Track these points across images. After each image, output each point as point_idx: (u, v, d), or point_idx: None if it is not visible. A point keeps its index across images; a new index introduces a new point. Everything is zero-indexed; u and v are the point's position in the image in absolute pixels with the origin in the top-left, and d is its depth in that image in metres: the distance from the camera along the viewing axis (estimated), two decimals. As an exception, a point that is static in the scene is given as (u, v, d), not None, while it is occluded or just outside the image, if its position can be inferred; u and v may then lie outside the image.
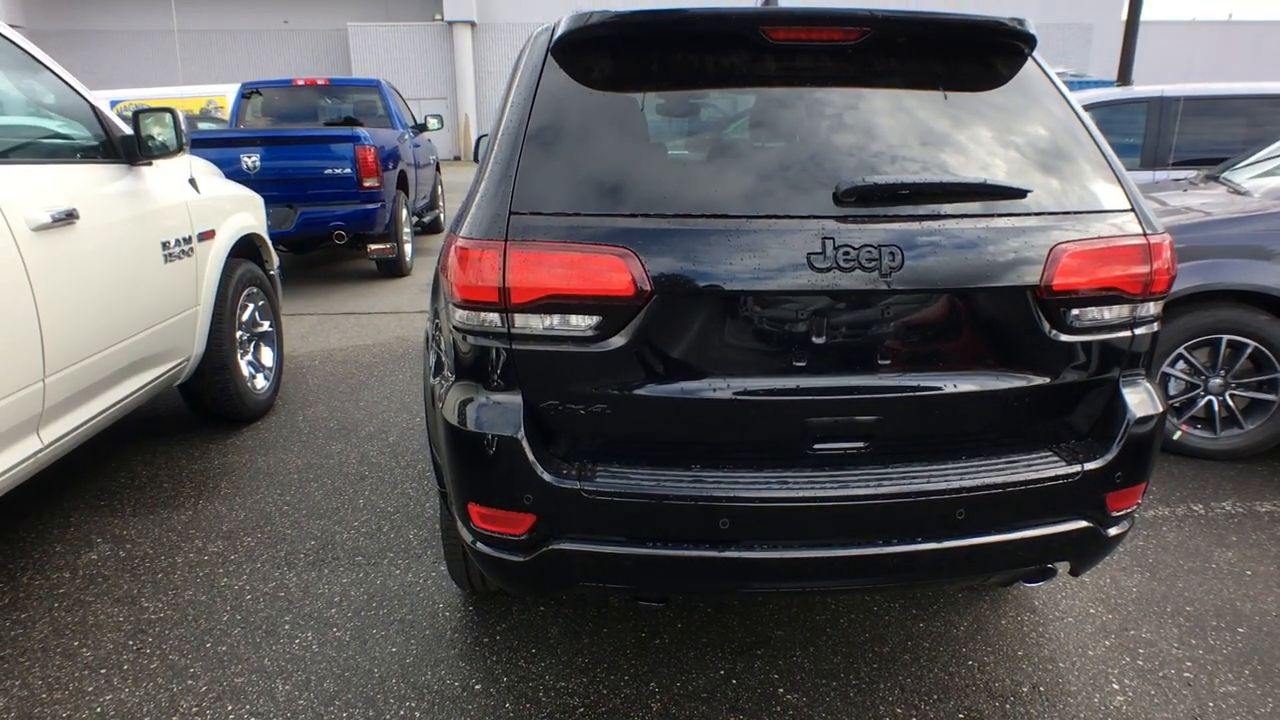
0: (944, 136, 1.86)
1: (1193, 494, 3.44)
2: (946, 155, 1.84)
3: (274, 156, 6.87)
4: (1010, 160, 1.85)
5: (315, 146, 7.00)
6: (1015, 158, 1.86)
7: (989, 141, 1.87)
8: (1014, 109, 1.95)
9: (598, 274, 1.67)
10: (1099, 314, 1.84)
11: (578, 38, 1.90)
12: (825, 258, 1.67)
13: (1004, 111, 1.94)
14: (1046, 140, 1.91)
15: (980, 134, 1.88)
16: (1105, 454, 1.87)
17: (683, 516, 1.74)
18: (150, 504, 3.38)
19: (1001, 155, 1.86)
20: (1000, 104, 1.95)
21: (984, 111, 1.93)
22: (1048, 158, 1.89)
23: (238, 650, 2.44)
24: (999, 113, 1.94)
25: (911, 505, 1.75)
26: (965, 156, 1.84)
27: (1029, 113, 1.95)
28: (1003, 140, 1.89)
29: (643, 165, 1.77)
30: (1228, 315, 3.63)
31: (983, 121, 1.91)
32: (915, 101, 1.90)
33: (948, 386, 1.80)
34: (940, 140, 1.86)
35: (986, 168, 1.81)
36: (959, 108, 1.91)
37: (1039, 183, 1.83)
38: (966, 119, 1.90)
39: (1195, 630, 2.52)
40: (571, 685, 2.29)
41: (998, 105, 1.95)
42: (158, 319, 3.31)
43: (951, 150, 1.85)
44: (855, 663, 2.38)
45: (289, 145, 6.99)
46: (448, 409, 1.87)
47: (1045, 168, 1.87)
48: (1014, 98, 1.97)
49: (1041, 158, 1.89)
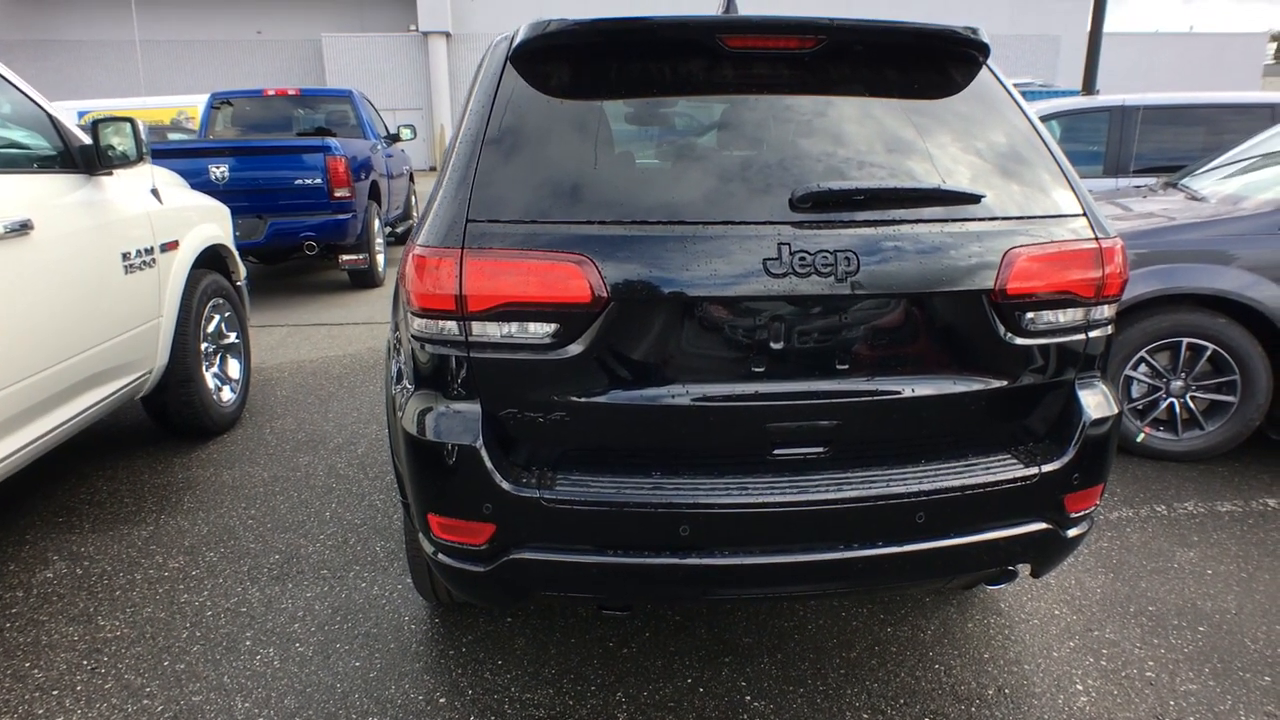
0: (900, 143, 1.88)
1: (1156, 495, 3.49)
2: (902, 161, 1.85)
3: (243, 167, 6.80)
4: (965, 166, 1.87)
5: (285, 157, 6.94)
6: (970, 164, 1.88)
7: (944, 148, 1.89)
8: (969, 116, 1.97)
9: (554, 281, 1.66)
10: (1053, 317, 1.86)
11: (536, 45, 1.90)
12: (781, 263, 1.67)
13: (959, 118, 1.96)
14: (1001, 146, 1.94)
15: (936, 140, 1.90)
16: (1062, 456, 1.88)
17: (643, 524, 1.73)
18: (110, 520, 3.31)
19: (956, 161, 1.88)
20: (955, 111, 1.97)
21: (939, 118, 1.96)
22: (1002, 163, 1.91)
23: (196, 668, 2.40)
24: (954, 119, 1.96)
25: (871, 509, 1.76)
26: (921, 162, 1.85)
27: (984, 119, 1.98)
28: (958, 146, 1.91)
29: (600, 172, 1.77)
30: (1186, 318, 3.69)
31: (938, 128, 1.93)
32: (871, 108, 1.92)
33: (906, 390, 1.81)
34: (896, 146, 1.87)
35: (941, 174, 1.83)
36: (915, 114, 1.93)
37: (993, 188, 1.85)
38: (922, 126, 1.92)
39: (1157, 630, 2.55)
40: (537, 697, 2.27)
41: (953, 112, 1.97)
42: (118, 331, 3.25)
43: (907, 156, 1.86)
44: (823, 669, 2.38)
45: (258, 155, 6.92)
46: (407, 418, 1.85)
47: (999, 173, 1.90)
48: (969, 105, 1.99)
49: (996, 164, 1.91)
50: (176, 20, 28.04)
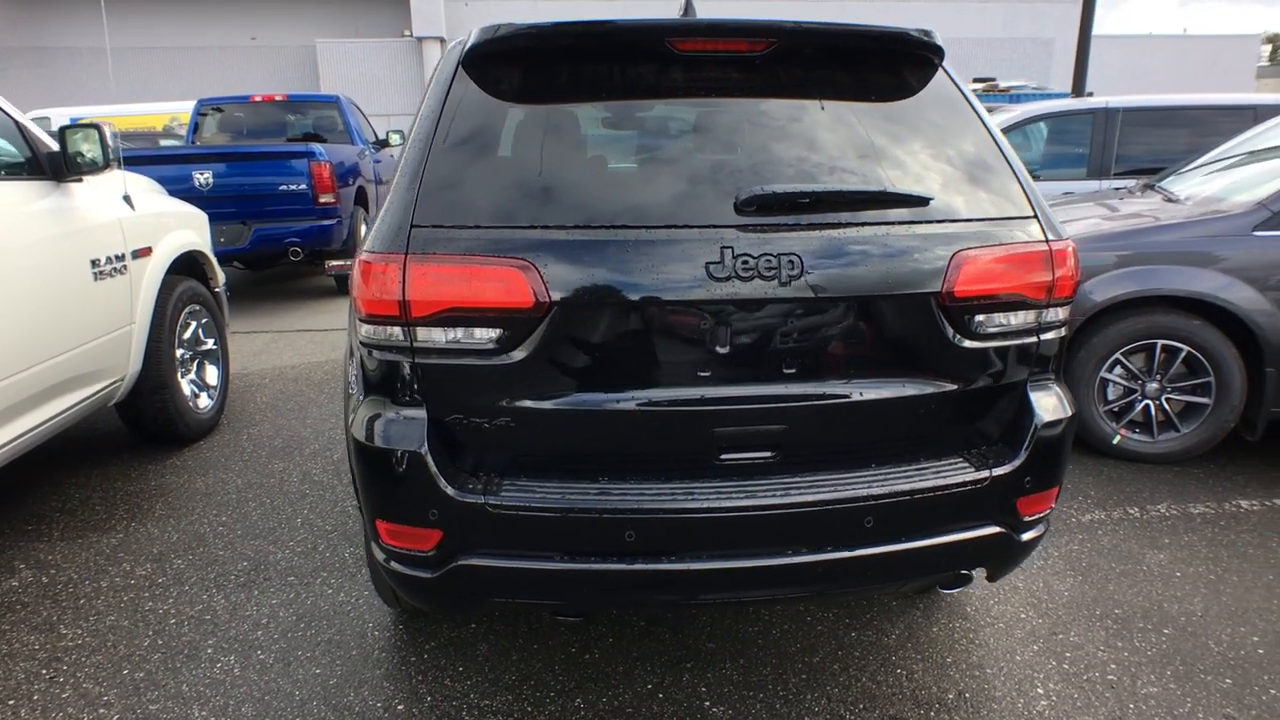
0: (850, 146, 1.88)
1: (1129, 498, 3.48)
2: (852, 164, 1.85)
3: (228, 173, 6.80)
4: (914, 169, 1.87)
5: (270, 163, 6.94)
6: (920, 166, 1.88)
7: (895, 150, 1.89)
8: (921, 119, 1.97)
9: (497, 286, 1.66)
10: (1004, 320, 1.86)
11: (487, 50, 1.89)
12: (724, 267, 1.67)
13: (911, 121, 1.96)
14: (953, 149, 1.94)
15: (887, 143, 1.90)
16: (1014, 459, 1.88)
17: (588, 530, 1.72)
18: (80, 528, 3.30)
19: (906, 164, 1.88)
20: (908, 114, 1.97)
21: (892, 121, 1.95)
22: (953, 166, 1.91)
23: (156, 676, 2.38)
24: (906, 122, 1.96)
25: (819, 514, 1.75)
26: (870, 165, 1.85)
27: (937, 122, 1.97)
28: (909, 149, 1.91)
29: (546, 177, 1.77)
30: (1161, 320, 3.69)
31: (890, 131, 1.93)
32: (823, 111, 1.91)
33: (855, 394, 1.81)
34: (846, 149, 1.87)
35: (890, 176, 1.83)
36: (866, 117, 1.93)
37: (943, 191, 1.85)
38: (874, 129, 1.92)
39: (1122, 632, 2.54)
40: (495, 703, 2.26)
41: (905, 115, 1.97)
42: (87, 338, 3.24)
43: (857, 159, 1.86)
44: (784, 674, 2.37)
45: (243, 161, 6.92)
46: (355, 425, 1.84)
47: (950, 176, 1.89)
48: (922, 108, 1.99)
49: (947, 166, 1.91)
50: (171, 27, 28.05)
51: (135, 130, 16.41)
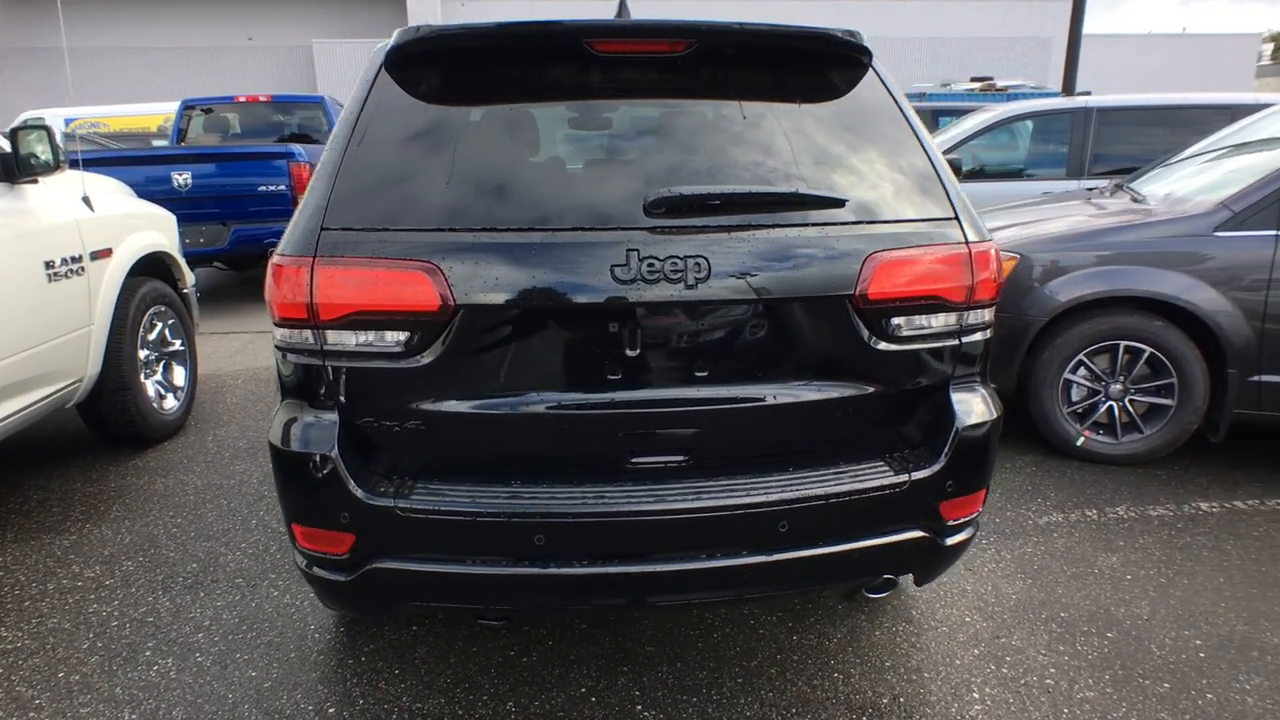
0: (770, 148, 1.87)
1: (1089, 500, 3.46)
2: (770, 166, 1.84)
3: (207, 174, 6.80)
4: (834, 171, 1.86)
5: (249, 163, 6.94)
6: (841, 168, 1.87)
7: (816, 152, 1.88)
8: (847, 120, 1.96)
9: (402, 289, 1.65)
10: (922, 322, 1.84)
11: (408, 51, 1.89)
12: (629, 270, 1.66)
13: (836, 123, 1.95)
14: (876, 151, 1.92)
15: (808, 145, 1.88)
16: (934, 463, 1.86)
17: (499, 533, 1.71)
18: (34, 529, 3.30)
19: (827, 166, 1.86)
20: (833, 115, 1.96)
21: (815, 123, 1.94)
22: (875, 168, 1.90)
23: (91, 680, 2.38)
24: (830, 124, 1.94)
25: (732, 518, 1.74)
26: (788, 167, 1.84)
27: (862, 124, 1.96)
28: (831, 151, 1.89)
29: (456, 179, 1.76)
30: (1124, 321, 3.67)
31: (812, 133, 1.92)
32: (744, 113, 1.90)
33: (769, 398, 1.79)
34: (765, 152, 1.86)
35: (807, 178, 1.81)
36: (789, 119, 1.92)
37: (861, 193, 1.84)
38: (796, 130, 1.90)
39: (1065, 636, 2.53)
40: (427, 707, 2.25)
41: (830, 116, 1.96)
42: (41, 339, 3.24)
43: (776, 161, 1.85)
44: (720, 678, 2.36)
45: (222, 162, 6.92)
46: (272, 429, 1.84)
47: (871, 178, 1.88)
48: (848, 109, 1.97)
49: (869, 168, 1.89)
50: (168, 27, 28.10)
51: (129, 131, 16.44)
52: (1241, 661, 2.40)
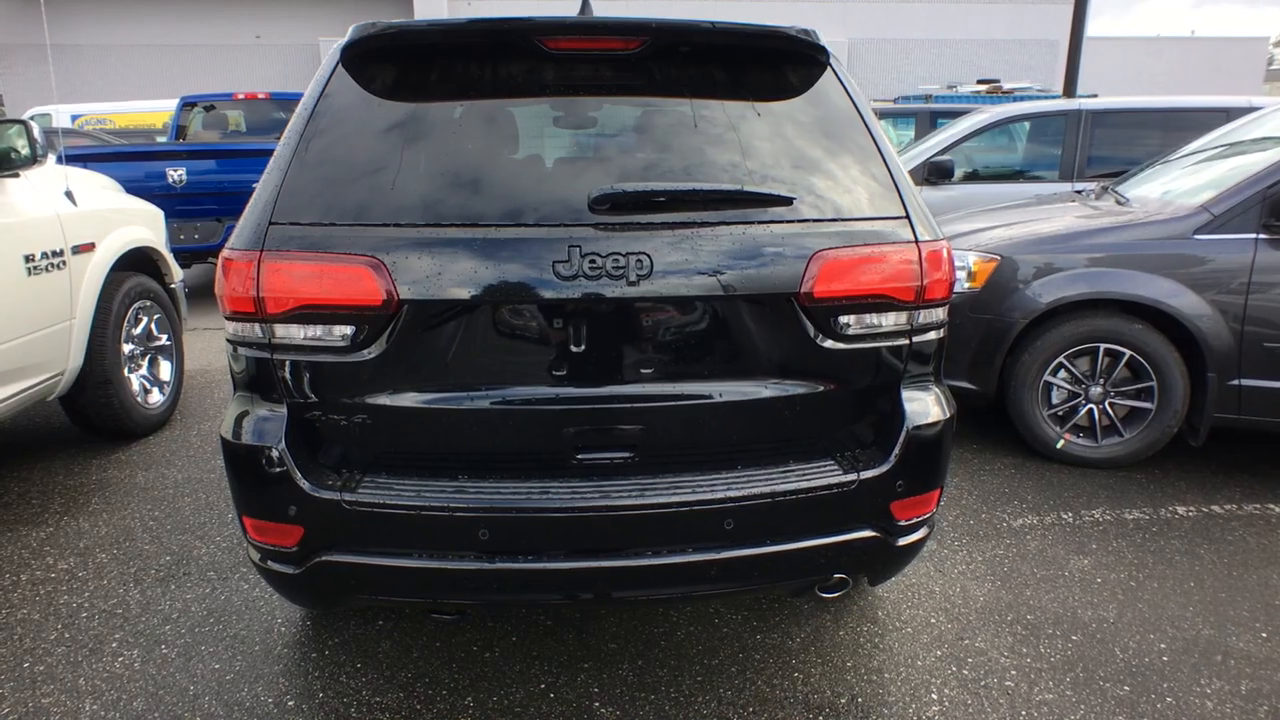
0: (721, 146, 1.87)
1: (1066, 503, 3.45)
2: (719, 164, 1.84)
3: (201, 170, 6.83)
4: (784, 169, 1.86)
5: (244, 160, 6.97)
6: (790, 166, 1.87)
7: (767, 150, 1.88)
8: (800, 119, 1.96)
9: (346, 283, 1.66)
10: (871, 321, 1.84)
11: (363, 47, 1.90)
12: (571, 266, 1.66)
13: (788, 120, 1.95)
14: (828, 150, 1.92)
15: (759, 143, 1.88)
16: (884, 462, 1.86)
17: (444, 527, 1.72)
18: (12, 521, 3.32)
19: (776, 164, 1.86)
20: (786, 114, 1.96)
21: (767, 121, 1.94)
22: (826, 167, 1.90)
23: (55, 670, 2.39)
24: (782, 122, 1.94)
25: (676, 516, 1.74)
26: (738, 165, 1.84)
27: (816, 123, 1.96)
28: (782, 149, 1.89)
29: (404, 174, 1.76)
30: (1103, 324, 3.65)
31: (764, 131, 1.92)
32: (695, 111, 1.90)
33: (715, 395, 1.79)
34: (715, 149, 1.86)
35: (755, 176, 1.81)
36: (741, 117, 1.92)
37: (810, 190, 1.83)
38: (747, 128, 1.90)
39: (1029, 639, 2.52)
40: (386, 700, 2.26)
41: (783, 115, 1.95)
42: (20, 332, 3.26)
43: (725, 159, 1.85)
44: (680, 676, 2.36)
45: (217, 159, 6.95)
46: (223, 423, 1.85)
47: (821, 176, 1.88)
48: (802, 108, 1.97)
49: (819, 167, 1.89)
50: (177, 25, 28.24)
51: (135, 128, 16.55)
52: (1204, 665, 2.39)
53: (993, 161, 6.98)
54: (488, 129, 1.85)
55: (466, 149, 1.80)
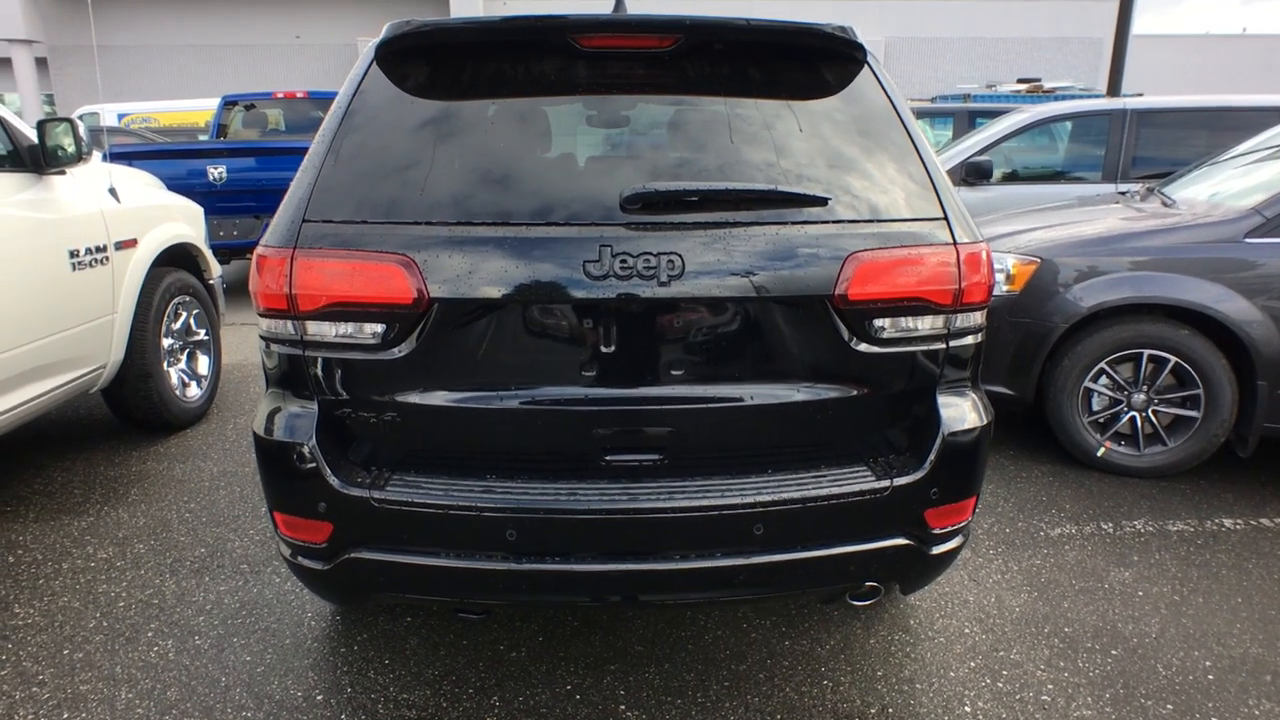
0: (754, 144, 1.84)
1: (1106, 512, 3.36)
2: (752, 163, 1.81)
3: (241, 168, 6.95)
4: (818, 168, 1.82)
5: (282, 158, 7.07)
6: (825, 166, 1.83)
7: (801, 149, 1.84)
8: (836, 118, 1.92)
9: (377, 281, 1.66)
10: (907, 325, 1.80)
11: (397, 46, 1.90)
12: (601, 265, 1.64)
13: (824, 120, 1.91)
14: (865, 149, 1.88)
15: (793, 142, 1.85)
16: (918, 469, 1.82)
17: (471, 527, 1.72)
18: (55, 510, 3.40)
19: (811, 163, 1.83)
20: (822, 112, 1.92)
21: (803, 120, 1.90)
22: (862, 167, 1.86)
23: (93, 658, 2.44)
24: (819, 121, 1.91)
25: (705, 520, 1.72)
26: (772, 164, 1.81)
27: (852, 122, 1.92)
28: (817, 148, 1.86)
29: (436, 173, 1.76)
30: (1148, 329, 3.55)
31: (799, 129, 1.88)
32: (729, 109, 1.87)
33: (747, 398, 1.77)
34: (749, 148, 1.83)
35: (789, 176, 1.78)
36: (776, 115, 1.89)
37: (846, 191, 1.80)
38: (782, 127, 1.87)
39: (1067, 652, 2.45)
40: (413, 698, 2.27)
41: (819, 114, 1.92)
42: (64, 326, 3.34)
43: (759, 158, 1.82)
44: (707, 680, 2.33)
45: (256, 156, 7.07)
46: (256, 418, 1.87)
47: (857, 176, 1.84)
48: (838, 106, 1.94)
49: (855, 166, 1.85)
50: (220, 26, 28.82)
51: (178, 126, 16.93)
52: (1253, 685, 2.31)
53: (1033, 162, 6.84)
54: (519, 127, 1.85)
55: (498, 147, 1.80)
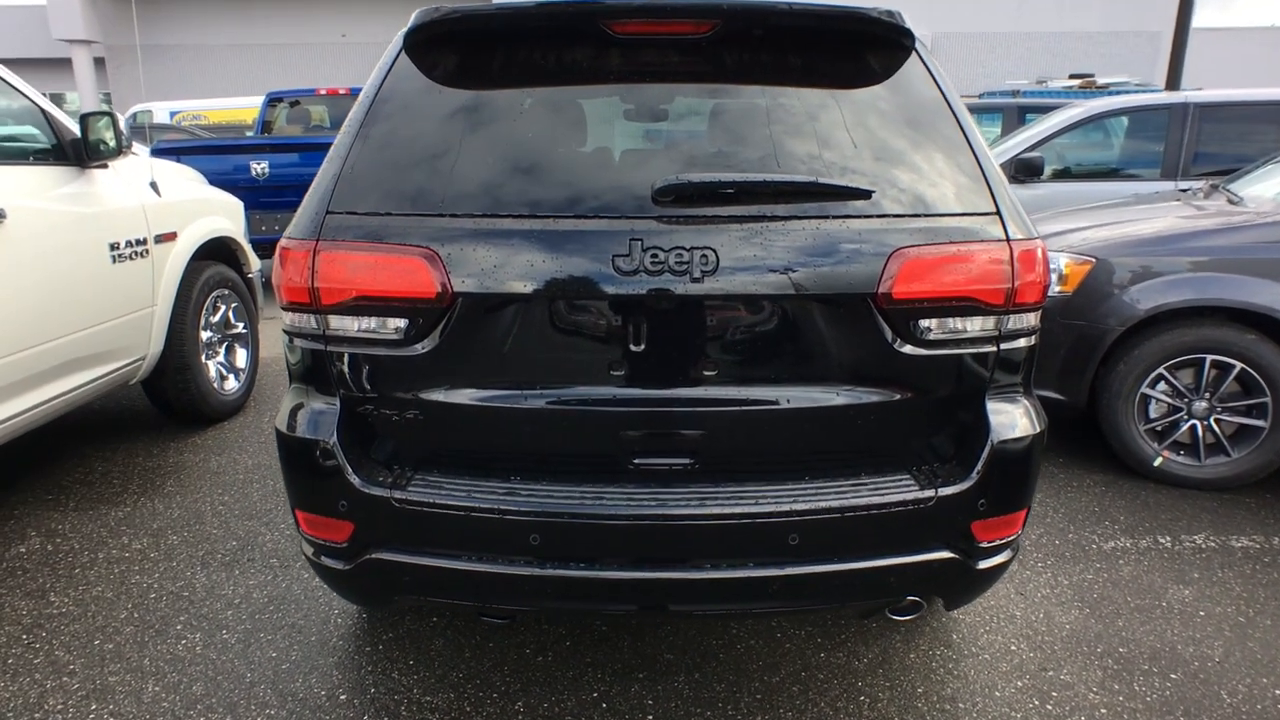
0: (794, 135, 1.75)
1: (1164, 526, 3.19)
2: (793, 154, 1.72)
3: (283, 163, 7.03)
4: (863, 160, 1.72)
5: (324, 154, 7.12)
6: (870, 157, 1.73)
7: (844, 140, 1.75)
8: (882, 107, 1.82)
9: (400, 275, 1.61)
10: (956, 325, 1.69)
11: (426, 34, 1.85)
12: (631, 260, 1.57)
13: (869, 110, 1.81)
14: (912, 141, 1.78)
15: (836, 132, 1.76)
16: (965, 479, 1.71)
17: (494, 530, 1.66)
18: (94, 500, 3.44)
19: (855, 155, 1.73)
20: (867, 102, 1.82)
21: (847, 109, 1.81)
22: (910, 158, 1.75)
23: (123, 649, 2.45)
24: (863, 111, 1.81)
25: (738, 528, 1.63)
26: (813, 156, 1.71)
27: (899, 112, 1.82)
28: (861, 139, 1.76)
29: (462, 163, 1.70)
30: (1211, 333, 3.37)
31: (843, 119, 1.79)
32: (769, 97, 1.79)
33: (783, 401, 1.68)
34: (789, 138, 1.74)
35: (831, 167, 1.69)
36: (818, 105, 1.80)
37: (890, 183, 1.70)
38: (824, 117, 1.78)
39: (1121, 674, 2.32)
40: (437, 700, 2.22)
41: (863, 103, 1.82)
42: (104, 318, 3.37)
43: (799, 149, 1.73)
44: (738, 692, 2.25)
45: (298, 151, 7.14)
46: (278, 414, 1.83)
47: (903, 168, 1.74)
48: (884, 95, 1.83)
49: (902, 158, 1.75)
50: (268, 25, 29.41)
51: (226, 123, 17.29)
52: (1326, 716, 2.15)
53: (1086, 159, 6.58)
54: (547, 116, 1.78)
55: (525, 137, 1.73)
